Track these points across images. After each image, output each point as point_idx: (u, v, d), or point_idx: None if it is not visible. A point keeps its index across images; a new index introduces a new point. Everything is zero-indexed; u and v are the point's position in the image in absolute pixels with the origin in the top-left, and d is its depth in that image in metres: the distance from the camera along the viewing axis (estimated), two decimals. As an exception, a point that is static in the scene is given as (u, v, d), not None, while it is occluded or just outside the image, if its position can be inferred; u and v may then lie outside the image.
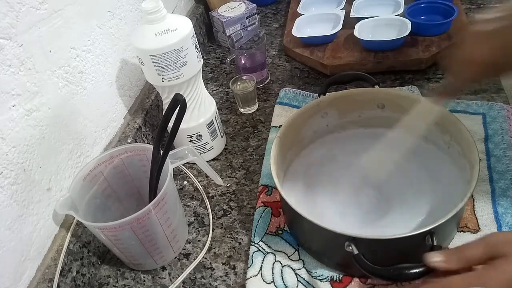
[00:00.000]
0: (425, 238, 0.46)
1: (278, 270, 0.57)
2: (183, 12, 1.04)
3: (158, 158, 0.56)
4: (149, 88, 0.83)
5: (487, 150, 0.65)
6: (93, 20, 0.66)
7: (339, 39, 0.92)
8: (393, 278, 0.45)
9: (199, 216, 0.68)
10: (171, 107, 0.52)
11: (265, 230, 0.62)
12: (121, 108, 0.75)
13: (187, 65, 0.63)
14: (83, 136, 0.64)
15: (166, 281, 0.60)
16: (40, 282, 0.53)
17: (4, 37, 0.49)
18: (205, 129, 0.72)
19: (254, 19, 1.06)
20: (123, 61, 0.75)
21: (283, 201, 0.55)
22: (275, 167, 0.57)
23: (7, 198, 0.49)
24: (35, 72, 0.54)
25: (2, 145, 0.48)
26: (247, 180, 0.72)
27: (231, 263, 0.60)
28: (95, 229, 0.53)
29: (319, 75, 0.90)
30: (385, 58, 0.84)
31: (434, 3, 0.90)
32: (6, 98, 0.49)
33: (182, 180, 0.75)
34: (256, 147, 0.78)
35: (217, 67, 1.01)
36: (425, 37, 0.86)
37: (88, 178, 0.59)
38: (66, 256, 0.56)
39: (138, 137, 0.74)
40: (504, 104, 0.71)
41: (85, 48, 0.64)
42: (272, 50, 1.01)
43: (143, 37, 0.61)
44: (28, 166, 0.52)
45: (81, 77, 0.63)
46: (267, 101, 0.87)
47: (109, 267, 0.63)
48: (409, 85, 0.80)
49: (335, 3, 1.01)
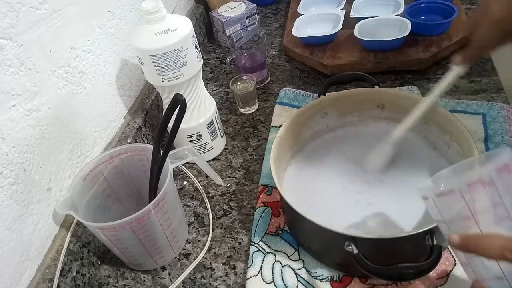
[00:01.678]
0: (425, 237, 0.46)
1: (278, 270, 0.57)
2: (183, 12, 1.04)
3: (158, 158, 0.56)
4: (149, 88, 0.83)
5: (487, 150, 0.65)
6: (93, 20, 0.66)
7: (339, 39, 0.92)
8: (393, 277, 0.45)
9: (199, 216, 0.68)
10: (171, 107, 0.52)
11: (265, 230, 0.62)
12: (121, 108, 0.75)
13: (187, 65, 0.63)
14: (83, 136, 0.64)
15: (166, 281, 0.60)
16: (40, 282, 0.53)
17: (4, 37, 0.49)
18: (205, 129, 0.72)
19: (254, 19, 1.06)
20: (123, 61, 0.75)
21: (283, 201, 0.55)
22: (275, 167, 0.57)
23: (7, 198, 0.49)
24: (35, 72, 0.54)
25: (2, 145, 0.48)
26: (247, 180, 0.72)
27: (231, 263, 0.60)
28: (95, 229, 0.53)
29: (319, 75, 0.90)
30: (385, 58, 0.84)
31: (434, 3, 0.90)
32: (6, 98, 0.49)
33: (182, 180, 0.75)
34: (256, 147, 0.78)
35: (217, 67, 1.01)
36: (425, 37, 0.86)
37: (88, 178, 0.59)
38: (66, 256, 0.56)
39: (138, 137, 0.74)
40: (504, 104, 0.71)
41: (85, 48, 0.64)
42: (272, 50, 1.01)
43: (143, 37, 0.61)
44: (28, 166, 0.52)
45: (81, 77, 0.63)
46: (267, 101, 0.87)
47: (109, 267, 0.63)
48: (409, 85, 0.80)
49: (335, 3, 1.01)
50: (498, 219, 0.36)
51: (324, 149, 0.69)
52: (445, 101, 0.75)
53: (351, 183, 0.63)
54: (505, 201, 0.35)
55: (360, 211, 0.59)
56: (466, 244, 0.36)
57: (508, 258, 0.33)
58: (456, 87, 0.79)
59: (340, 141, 0.69)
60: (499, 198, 0.35)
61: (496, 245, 0.33)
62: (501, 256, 0.33)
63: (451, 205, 0.38)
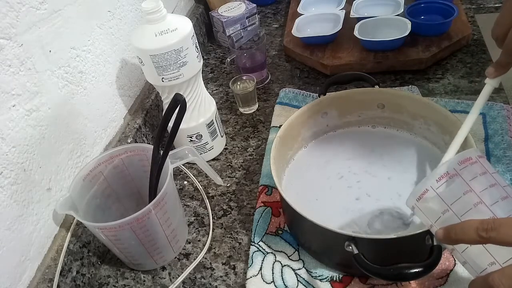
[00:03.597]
0: (425, 238, 0.46)
1: (278, 270, 0.57)
2: (183, 12, 1.04)
3: (158, 158, 0.56)
4: (149, 88, 0.83)
5: (487, 150, 0.65)
6: (93, 20, 0.66)
7: (339, 39, 0.92)
8: (393, 278, 0.45)
9: (199, 216, 0.68)
10: (171, 107, 0.52)
11: (265, 230, 0.62)
12: (121, 108, 0.75)
13: (187, 65, 0.63)
14: (83, 136, 0.64)
15: (166, 281, 0.60)
16: (40, 282, 0.53)
17: (4, 37, 0.49)
18: (205, 129, 0.72)
19: (254, 19, 1.06)
20: (123, 61, 0.75)
21: (283, 201, 0.55)
22: (275, 167, 0.57)
23: (7, 198, 0.49)
24: (35, 72, 0.54)
25: (2, 145, 0.48)
26: (247, 180, 0.72)
27: (231, 263, 0.60)
28: (95, 229, 0.53)
29: (319, 75, 0.90)
30: (385, 58, 0.84)
31: (434, 3, 0.90)
32: (6, 98, 0.49)
33: (182, 180, 0.75)
34: (256, 147, 0.78)
35: (217, 67, 1.01)
36: (425, 37, 0.86)
37: (88, 178, 0.59)
38: (66, 256, 0.56)
39: (138, 137, 0.74)
40: (504, 104, 0.71)
41: (85, 48, 0.64)
42: (272, 50, 1.01)
43: (143, 37, 0.61)
44: (28, 166, 0.52)
45: (81, 77, 0.63)
46: (267, 101, 0.87)
47: (109, 267, 0.63)
48: (409, 85, 0.81)
49: (335, 3, 1.01)
50: (472, 206, 0.37)
51: (324, 149, 0.69)
52: (445, 101, 0.75)
53: (352, 183, 0.63)
54: (474, 188, 0.37)
55: (361, 211, 0.59)
56: (448, 235, 0.37)
57: (484, 238, 0.34)
58: (456, 87, 0.79)
59: (340, 141, 0.69)
60: (467, 186, 0.38)
61: (472, 227, 0.35)
62: (478, 237, 0.34)
63: (431, 205, 0.40)
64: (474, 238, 0.35)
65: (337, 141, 0.69)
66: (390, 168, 0.63)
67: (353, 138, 0.69)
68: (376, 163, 0.64)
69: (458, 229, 0.36)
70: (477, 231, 0.34)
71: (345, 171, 0.64)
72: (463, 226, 0.36)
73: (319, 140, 0.70)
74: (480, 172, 0.38)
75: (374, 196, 0.60)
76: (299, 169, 0.66)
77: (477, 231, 0.34)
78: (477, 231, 0.34)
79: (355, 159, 0.65)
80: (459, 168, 0.38)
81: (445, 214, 0.39)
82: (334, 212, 0.59)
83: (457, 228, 0.36)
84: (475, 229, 0.34)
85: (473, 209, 0.37)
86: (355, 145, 0.68)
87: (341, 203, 0.60)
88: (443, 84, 0.81)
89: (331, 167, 0.66)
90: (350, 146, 0.68)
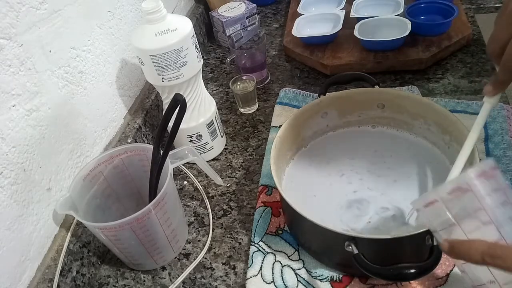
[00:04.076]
0: (425, 238, 0.46)
1: (278, 270, 0.57)
2: (183, 12, 1.04)
3: (158, 158, 0.56)
4: (149, 88, 0.83)
5: (487, 150, 0.65)
6: (93, 20, 0.66)
7: (339, 39, 0.92)
8: (393, 278, 0.45)
9: (199, 216, 0.68)
10: (171, 107, 0.52)
11: (265, 230, 0.62)
12: (121, 108, 0.75)
13: (187, 65, 0.63)
14: (83, 136, 0.64)
15: (166, 281, 0.60)
16: (40, 282, 0.53)
17: (4, 37, 0.49)
18: (205, 129, 0.72)
19: (254, 19, 1.06)
20: (123, 61, 0.75)
21: (283, 201, 0.55)
22: (275, 167, 0.57)
23: (7, 198, 0.49)
24: (35, 72, 0.54)
25: (2, 145, 0.48)
26: (247, 180, 0.72)
27: (231, 263, 0.60)
28: (95, 229, 0.53)
29: (319, 75, 0.90)
30: (385, 58, 0.84)
31: (434, 3, 0.90)
32: (6, 98, 0.49)
33: (182, 180, 0.75)
34: (256, 147, 0.78)
35: (217, 67, 1.01)
36: (425, 37, 0.86)
37: (88, 178, 0.59)
38: (66, 256, 0.56)
39: (138, 137, 0.74)
40: (504, 104, 0.71)
41: (85, 48, 0.64)
42: (272, 50, 1.01)
43: (143, 37, 0.61)
44: (28, 166, 0.52)
45: (81, 77, 0.63)
46: (267, 101, 0.87)
47: (109, 267, 0.63)
48: (409, 85, 0.81)
49: (335, 3, 1.01)
50: (481, 224, 0.36)
51: (324, 149, 0.69)
52: (445, 101, 0.75)
53: (352, 183, 0.63)
54: (485, 206, 0.36)
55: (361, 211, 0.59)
56: (452, 249, 0.37)
57: (488, 263, 0.33)
58: (456, 87, 0.79)
59: (340, 141, 0.69)
60: (478, 203, 0.36)
61: (478, 251, 0.34)
62: (482, 261, 0.34)
63: (438, 214, 0.39)
64: (479, 261, 0.34)
65: (337, 141, 0.69)
66: (390, 168, 0.63)
67: (353, 138, 0.69)
68: (377, 163, 0.64)
69: (464, 248, 0.35)
70: (483, 255, 0.33)
71: (345, 170, 0.64)
72: (470, 247, 0.35)
73: (319, 140, 0.70)
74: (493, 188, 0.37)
75: (374, 196, 0.60)
76: (299, 169, 0.66)
77: (482, 255, 0.33)
78: (483, 255, 0.33)
79: (354, 159, 0.65)
80: (472, 183, 0.37)
81: (452, 227, 0.38)
82: (334, 212, 0.59)
83: (463, 247, 0.36)
84: (481, 253, 0.33)
85: (482, 228, 0.36)
86: (355, 145, 0.68)
87: (342, 203, 0.60)
88: (443, 84, 0.81)
89: (331, 167, 0.66)
90: (350, 146, 0.68)
